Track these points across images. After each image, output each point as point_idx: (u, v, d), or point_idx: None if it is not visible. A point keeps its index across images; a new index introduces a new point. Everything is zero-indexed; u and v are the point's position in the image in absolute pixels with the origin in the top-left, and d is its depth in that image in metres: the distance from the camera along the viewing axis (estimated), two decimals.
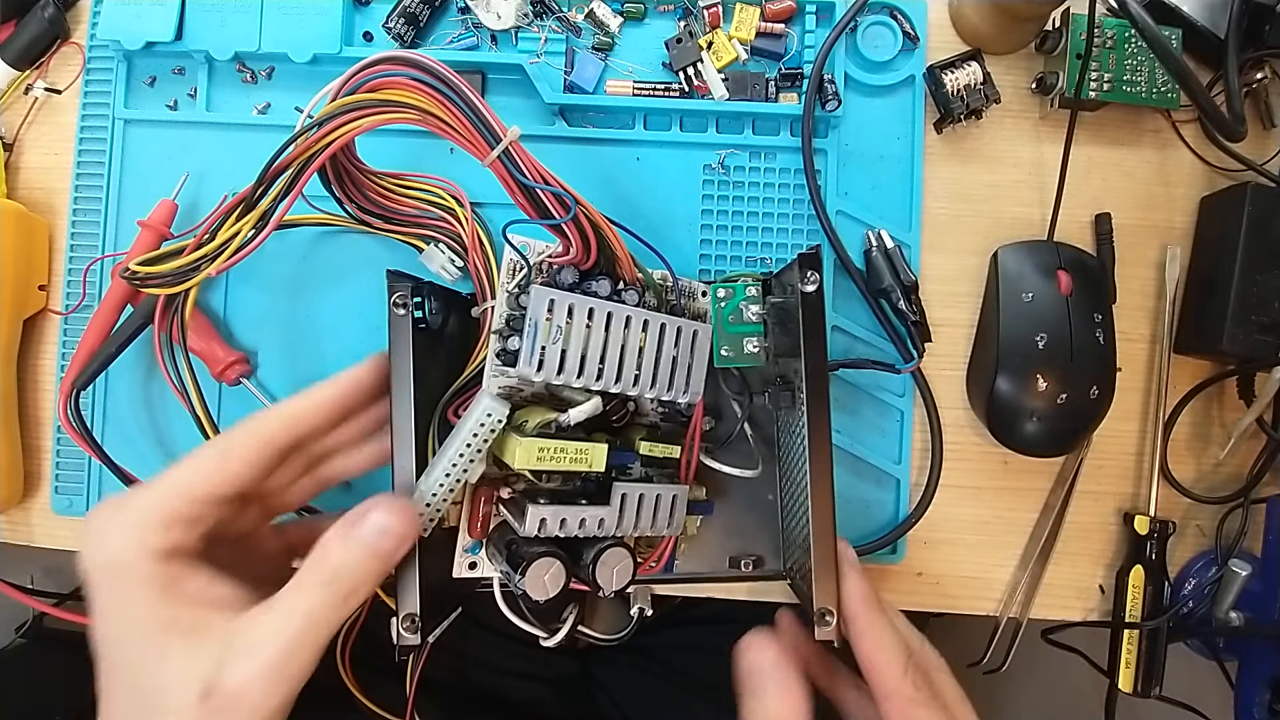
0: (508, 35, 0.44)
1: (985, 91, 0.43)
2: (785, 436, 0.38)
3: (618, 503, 0.33)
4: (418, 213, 0.38)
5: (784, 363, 0.36)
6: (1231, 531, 0.43)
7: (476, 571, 0.34)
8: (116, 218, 0.44)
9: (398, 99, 0.30)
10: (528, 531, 0.31)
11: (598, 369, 0.32)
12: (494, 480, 0.34)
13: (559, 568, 0.31)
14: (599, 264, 0.33)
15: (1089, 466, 0.44)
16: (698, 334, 0.35)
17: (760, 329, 0.35)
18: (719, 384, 0.38)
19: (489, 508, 0.33)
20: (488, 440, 0.31)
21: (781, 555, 0.39)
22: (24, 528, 0.45)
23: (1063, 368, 0.40)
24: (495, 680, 0.60)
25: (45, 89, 0.45)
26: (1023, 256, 0.42)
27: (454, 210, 0.38)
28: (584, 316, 0.31)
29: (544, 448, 0.31)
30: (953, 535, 0.44)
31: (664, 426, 0.38)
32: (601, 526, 0.32)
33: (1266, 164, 0.43)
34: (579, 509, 0.32)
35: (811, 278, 0.32)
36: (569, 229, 0.31)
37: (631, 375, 0.32)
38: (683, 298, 0.36)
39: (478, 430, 0.30)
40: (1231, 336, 0.40)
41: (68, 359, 0.43)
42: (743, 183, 0.43)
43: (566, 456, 0.31)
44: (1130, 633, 0.43)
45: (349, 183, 0.35)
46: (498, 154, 0.30)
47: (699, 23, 0.43)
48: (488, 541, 0.34)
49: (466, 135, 0.30)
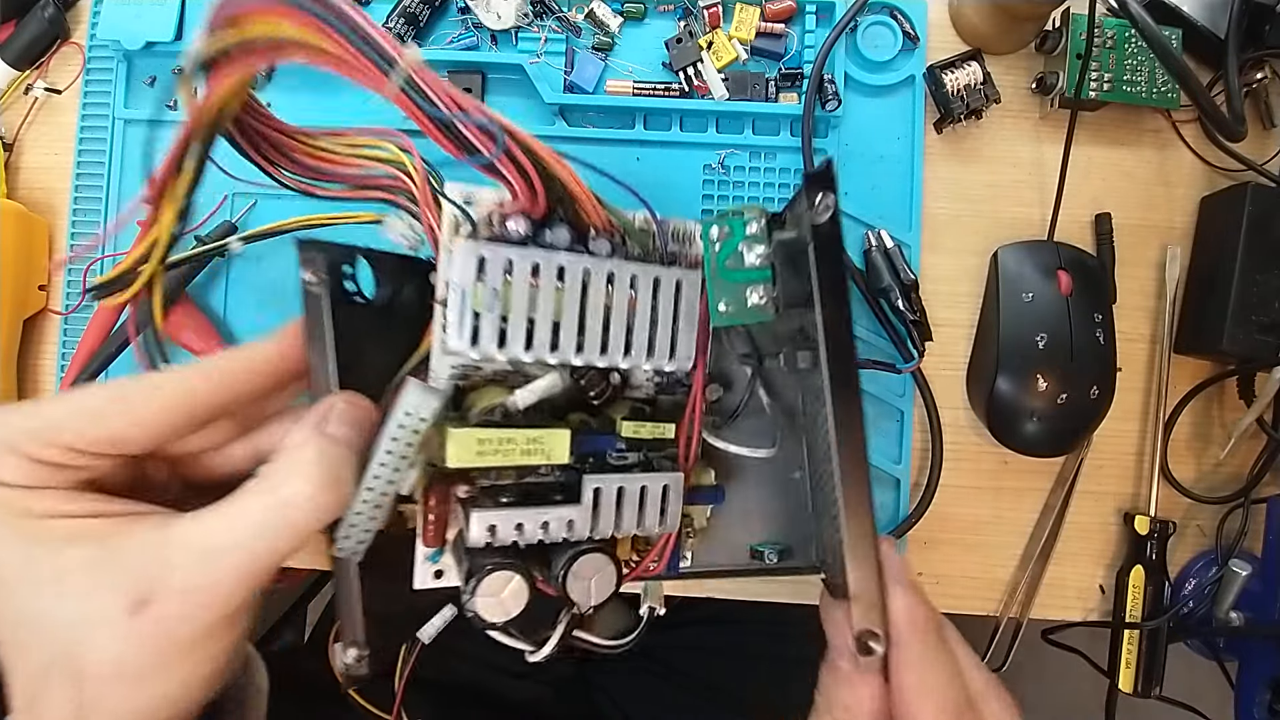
0: (508, 35, 0.44)
1: (985, 91, 0.43)
2: (811, 403, 0.30)
3: (589, 499, 0.27)
4: (360, 172, 0.32)
5: (799, 314, 0.28)
6: (1231, 531, 0.43)
7: (443, 580, 0.29)
8: (116, 218, 0.44)
9: (268, 32, 0.24)
10: (474, 541, 0.26)
11: (550, 338, 0.26)
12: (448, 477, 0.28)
13: (519, 582, 0.26)
14: (554, 210, 0.27)
15: (1089, 466, 0.44)
16: (681, 284, 0.28)
17: (767, 274, 0.29)
18: (724, 345, 0.33)
19: (443, 508, 0.28)
20: (411, 443, 0.25)
21: (815, 544, 0.33)
22: None
23: (1063, 368, 0.40)
24: (494, 680, 0.60)
25: (45, 89, 0.45)
26: (1023, 256, 0.42)
27: (402, 164, 0.31)
28: (525, 274, 0.26)
29: (485, 439, 0.25)
30: (953, 535, 0.44)
31: (662, 401, 0.32)
32: (572, 529, 0.27)
33: (1266, 164, 0.43)
34: (538, 510, 0.26)
35: (824, 203, 0.25)
36: (504, 167, 0.25)
37: (597, 342, 0.27)
38: (673, 243, 0.30)
39: (399, 432, 0.25)
40: (1231, 336, 0.40)
41: (68, 359, 0.43)
42: (743, 183, 0.43)
43: (516, 449, 0.26)
44: (1130, 633, 0.43)
45: (268, 147, 0.30)
46: (400, 83, 0.24)
47: (699, 23, 0.43)
48: (452, 546, 0.29)
49: (356, 64, 0.24)
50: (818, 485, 0.32)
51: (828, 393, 0.26)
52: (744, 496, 0.34)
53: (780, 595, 0.43)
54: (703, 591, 0.44)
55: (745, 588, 0.43)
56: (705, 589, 0.43)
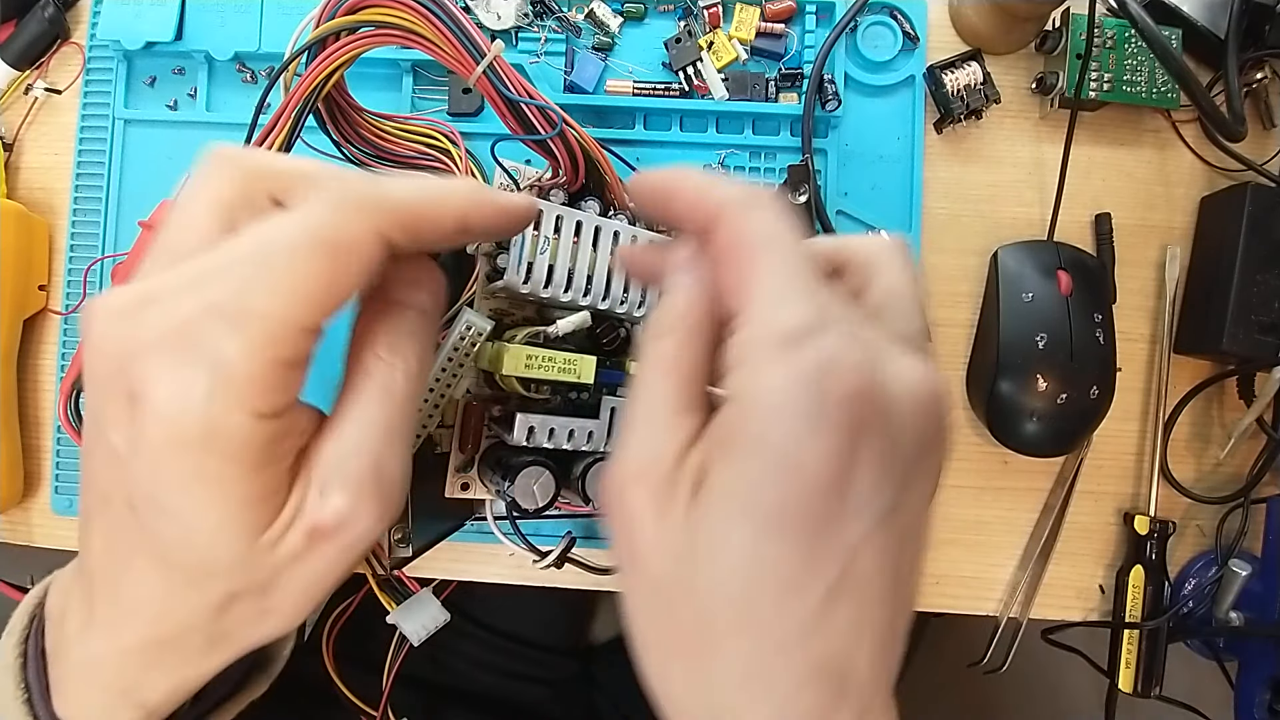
0: (508, 35, 0.44)
1: (985, 91, 0.43)
2: None
3: (607, 416, 0.33)
4: (414, 154, 0.38)
5: None
6: (1231, 531, 0.43)
7: (469, 493, 0.34)
8: (116, 218, 0.44)
9: (381, 18, 0.29)
10: (516, 439, 0.31)
11: (586, 284, 0.32)
12: (485, 400, 0.34)
13: (548, 477, 0.31)
14: (588, 187, 0.33)
15: (1089, 466, 0.44)
16: None
17: None
18: None
19: (480, 425, 0.33)
20: (469, 354, 0.31)
21: None
22: (24, 528, 0.45)
23: (1063, 368, 0.40)
24: (493, 680, 0.60)
25: (45, 89, 0.45)
26: (1023, 256, 0.42)
27: (449, 151, 0.38)
28: (572, 230, 0.31)
29: (532, 355, 0.30)
30: (953, 535, 0.44)
31: None
32: (591, 440, 0.32)
33: (1266, 164, 0.43)
34: (568, 419, 0.32)
35: (801, 190, 0.32)
36: (556, 147, 0.31)
37: (620, 292, 0.32)
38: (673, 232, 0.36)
39: (459, 344, 0.31)
40: (1231, 336, 0.40)
41: (68, 359, 0.43)
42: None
43: (555, 366, 0.31)
44: (1130, 633, 0.43)
45: (344, 123, 0.35)
46: (483, 69, 0.30)
47: (699, 23, 0.43)
48: (480, 461, 0.34)
49: (452, 52, 0.30)
50: None
51: None
52: None
53: None
54: None
55: None
56: None
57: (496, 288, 0.31)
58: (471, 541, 0.43)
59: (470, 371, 0.32)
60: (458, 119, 0.44)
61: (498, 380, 0.32)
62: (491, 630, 0.61)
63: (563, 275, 0.31)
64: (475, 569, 0.44)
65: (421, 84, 0.44)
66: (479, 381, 0.33)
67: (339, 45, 0.30)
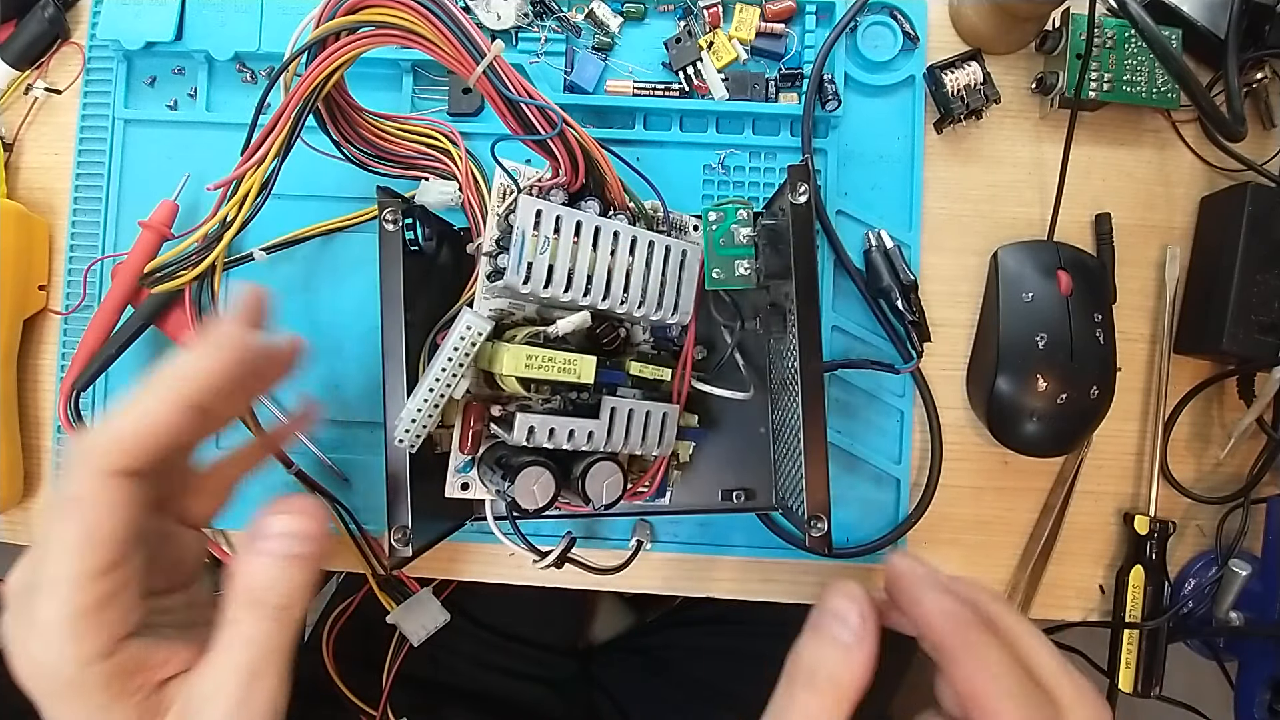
0: (508, 35, 0.44)
1: (985, 91, 0.43)
2: (777, 364, 0.38)
3: (607, 416, 0.33)
4: (414, 154, 0.38)
5: (775, 289, 0.36)
6: (1231, 531, 0.43)
7: (469, 493, 0.35)
8: (116, 218, 0.44)
9: (381, 18, 0.29)
10: (516, 439, 0.31)
11: (586, 284, 0.32)
12: (485, 399, 0.33)
13: (548, 477, 0.31)
14: (588, 187, 0.33)
15: (1089, 466, 0.44)
16: (687, 253, 0.34)
17: (751, 251, 0.35)
18: (710, 312, 0.38)
19: (480, 425, 0.33)
20: (469, 354, 0.31)
21: (773, 488, 0.39)
22: (24, 528, 0.45)
23: (1063, 368, 0.40)
24: (494, 681, 0.60)
25: (45, 89, 0.45)
26: (1023, 256, 0.42)
27: (449, 151, 0.38)
28: (571, 230, 0.31)
29: (532, 355, 0.30)
30: (953, 535, 0.44)
31: (655, 355, 0.38)
32: (591, 440, 0.32)
33: (1266, 164, 0.43)
34: (568, 419, 0.32)
35: (802, 189, 0.32)
36: (556, 147, 0.31)
37: (620, 292, 0.32)
38: (674, 230, 0.36)
39: (459, 344, 0.31)
40: (1231, 336, 0.40)
41: (68, 359, 0.43)
42: (743, 183, 0.43)
43: (555, 366, 0.31)
44: (1130, 633, 0.43)
45: (344, 123, 0.35)
46: (483, 69, 0.29)
47: (699, 23, 0.43)
48: (480, 461, 0.34)
49: (452, 52, 0.30)
50: (779, 432, 0.38)
51: (796, 328, 0.33)
52: (718, 445, 0.40)
53: (782, 595, 0.43)
54: (704, 591, 0.44)
55: (746, 588, 0.43)
56: (707, 589, 0.44)
57: (497, 288, 0.31)
58: (471, 541, 0.43)
59: (470, 371, 0.32)
60: (458, 119, 0.44)
61: (498, 380, 0.32)
62: (491, 630, 0.61)
63: (563, 275, 0.31)
64: (475, 569, 0.44)
65: (421, 84, 0.44)
66: (479, 381, 0.33)
67: (339, 45, 0.30)
